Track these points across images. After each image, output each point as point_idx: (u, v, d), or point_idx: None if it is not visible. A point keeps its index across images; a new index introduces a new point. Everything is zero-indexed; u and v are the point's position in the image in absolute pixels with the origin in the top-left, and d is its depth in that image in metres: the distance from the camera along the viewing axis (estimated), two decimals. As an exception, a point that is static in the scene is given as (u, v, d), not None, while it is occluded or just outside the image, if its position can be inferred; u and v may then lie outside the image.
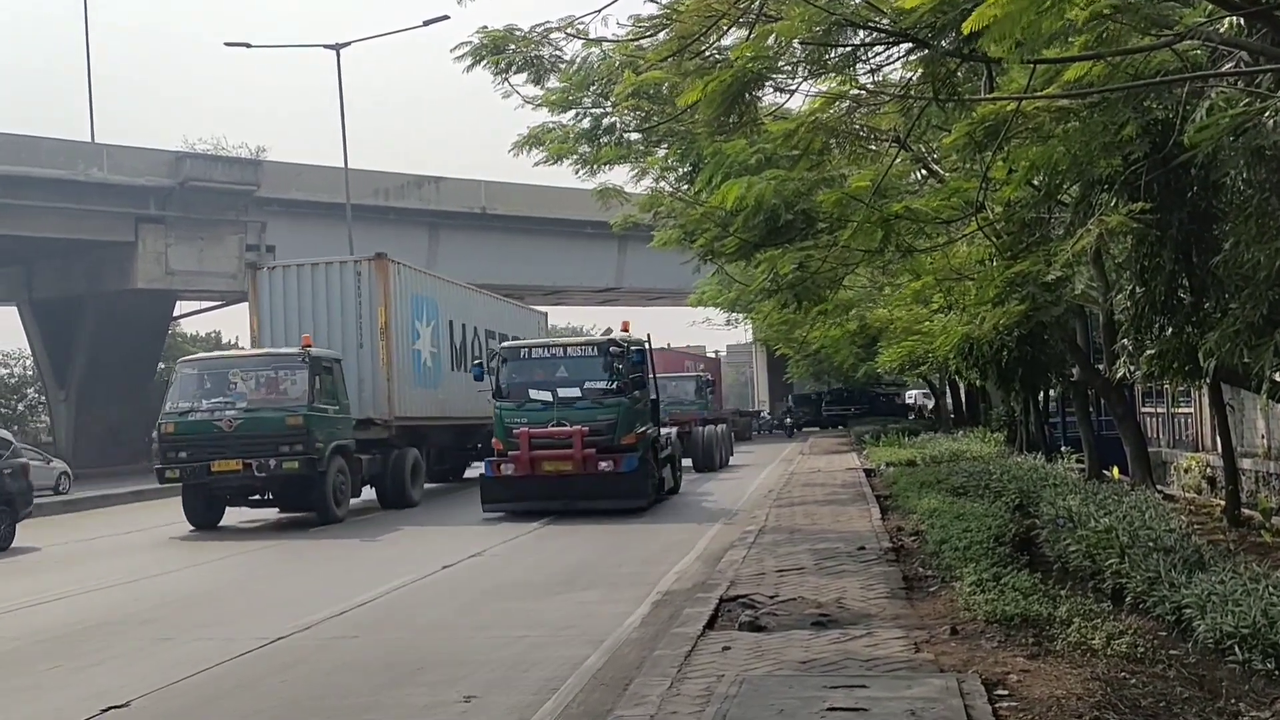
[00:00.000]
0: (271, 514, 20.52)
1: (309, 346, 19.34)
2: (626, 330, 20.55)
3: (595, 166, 17.03)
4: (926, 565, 10.53)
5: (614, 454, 18.37)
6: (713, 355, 64.64)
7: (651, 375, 20.71)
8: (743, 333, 59.24)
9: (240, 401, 18.92)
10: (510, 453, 18.62)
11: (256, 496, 19.60)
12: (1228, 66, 8.31)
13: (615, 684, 7.23)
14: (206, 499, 19.30)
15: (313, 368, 18.91)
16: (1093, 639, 6.95)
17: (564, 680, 7.59)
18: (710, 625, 8.38)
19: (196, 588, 13.04)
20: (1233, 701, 5.93)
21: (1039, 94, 8.32)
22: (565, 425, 18.38)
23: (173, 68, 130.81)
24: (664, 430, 21.93)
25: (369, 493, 21.71)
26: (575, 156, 16.80)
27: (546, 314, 34.59)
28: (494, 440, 19.46)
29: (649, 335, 20.99)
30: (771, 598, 9.24)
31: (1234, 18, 8.04)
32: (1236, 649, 6.48)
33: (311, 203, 40.95)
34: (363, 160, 63.01)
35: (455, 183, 47.52)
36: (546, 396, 18.84)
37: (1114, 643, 6.85)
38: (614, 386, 18.88)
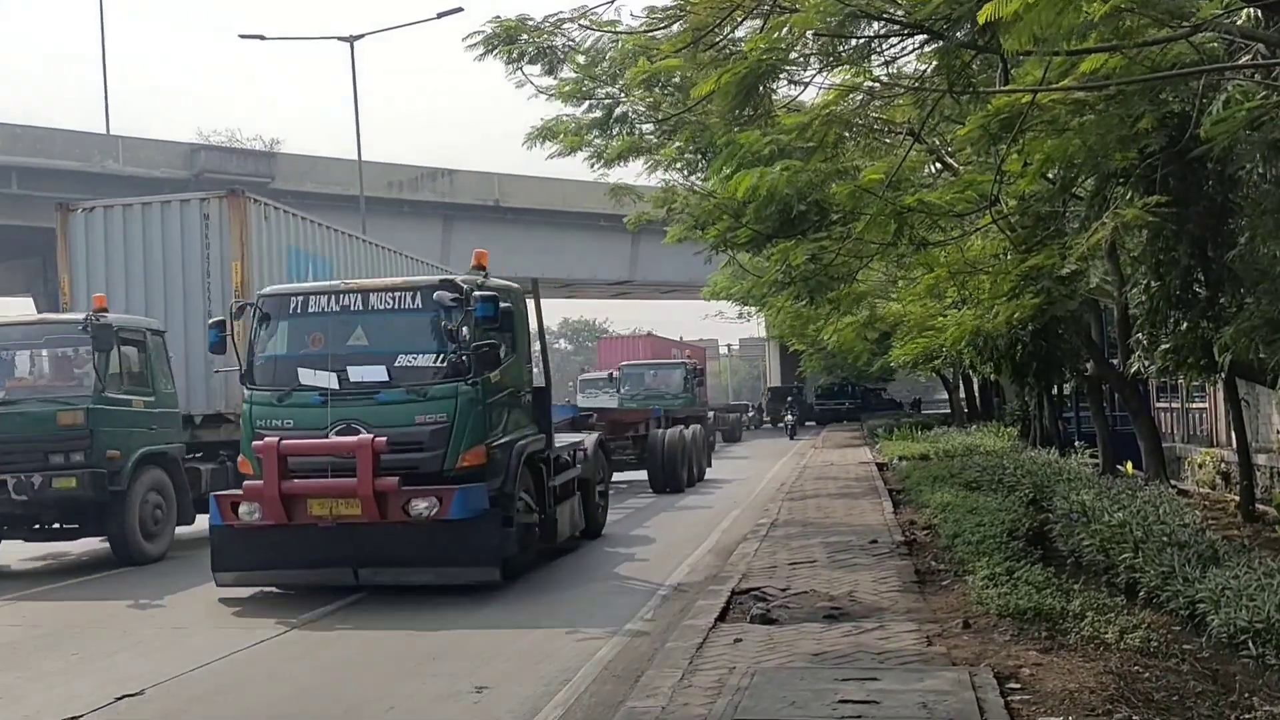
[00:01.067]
0: (86, 546, 14.62)
1: (103, 309, 13.45)
2: (483, 267, 11.88)
3: (609, 161, 16.99)
4: (939, 559, 10.52)
5: (439, 485, 10.54)
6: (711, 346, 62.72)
7: (536, 346, 13.28)
8: (755, 326, 59.03)
9: None
10: (251, 483, 10.94)
11: (39, 525, 13.60)
12: (1245, 59, 8.27)
13: (627, 675, 7.24)
14: None
15: (100, 340, 13.00)
16: (1106, 633, 6.94)
17: (576, 671, 7.60)
18: (722, 618, 8.38)
19: None
20: (1246, 696, 5.91)
21: (1054, 86, 8.31)
22: (361, 431, 10.58)
23: (187, 60, 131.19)
24: (566, 439, 14.29)
25: None
26: (589, 150, 16.79)
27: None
28: (240, 459, 11.65)
29: (534, 281, 13.47)
30: (783, 590, 9.25)
31: (1251, 9, 8.01)
32: (1250, 644, 6.46)
33: (325, 195, 41.08)
34: (376, 153, 63.35)
35: (469, 175, 47.68)
36: (327, 381, 11.00)
37: (1127, 637, 6.84)
38: (445, 363, 10.98)
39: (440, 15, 33.61)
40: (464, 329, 10.90)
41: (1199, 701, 5.87)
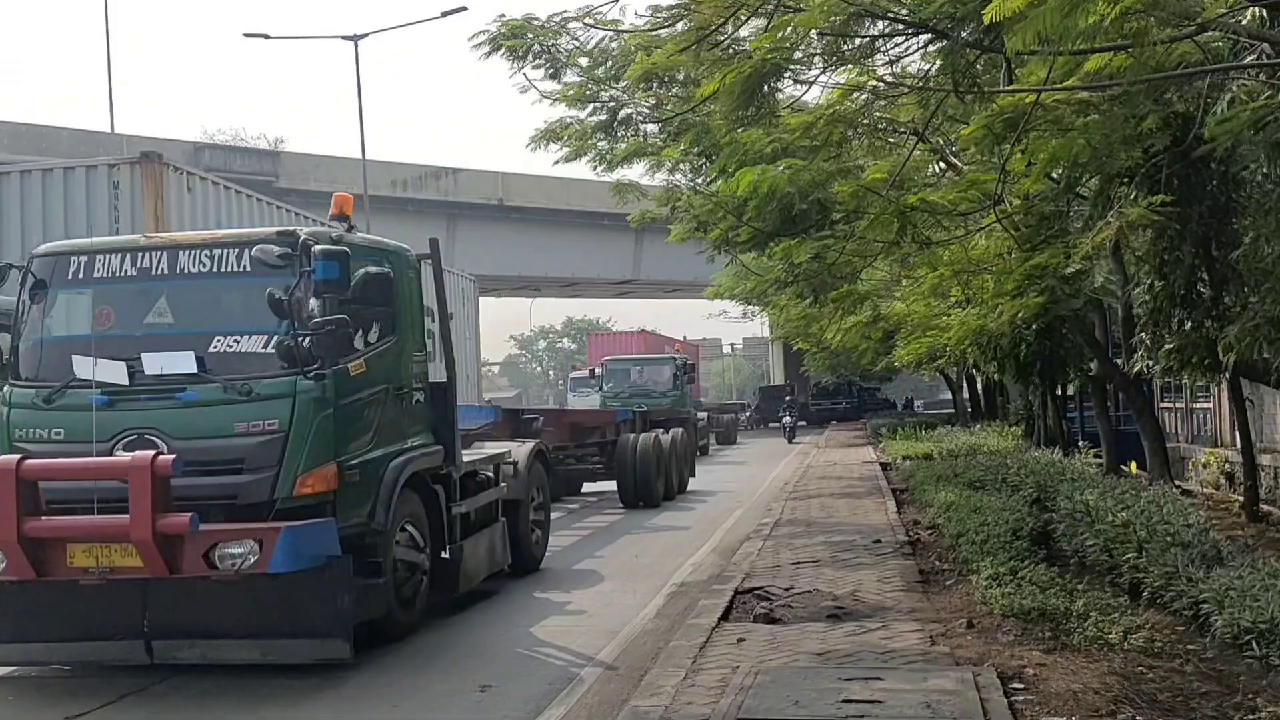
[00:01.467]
0: None
1: None
2: (345, 216, 9.08)
3: (613, 165, 16.96)
4: (943, 559, 10.51)
5: (262, 523, 7.49)
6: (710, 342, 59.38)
7: (439, 329, 10.25)
8: (759, 325, 58.77)
9: None
10: None
11: None
12: (1250, 59, 8.27)
13: (631, 675, 7.24)
14: None
15: None
16: (1110, 633, 6.93)
17: (580, 670, 7.59)
18: (725, 617, 8.38)
19: None
20: (1250, 696, 5.91)
21: (1059, 86, 8.31)
22: (159, 445, 7.55)
23: (190, 59, 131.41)
24: (491, 449, 11.49)
25: None
26: (594, 153, 16.78)
27: (475, 281, 24.53)
28: None
29: (435, 242, 9.93)
30: (787, 590, 9.24)
31: (1257, 9, 8.01)
32: (1254, 644, 6.46)
33: (329, 194, 41.08)
34: (381, 151, 63.45)
35: (473, 174, 47.75)
36: (113, 374, 7.86)
37: (1131, 637, 6.84)
38: (273, 347, 7.86)
39: (444, 14, 33.61)
40: (313, 302, 7.76)
41: (1203, 702, 5.87)
